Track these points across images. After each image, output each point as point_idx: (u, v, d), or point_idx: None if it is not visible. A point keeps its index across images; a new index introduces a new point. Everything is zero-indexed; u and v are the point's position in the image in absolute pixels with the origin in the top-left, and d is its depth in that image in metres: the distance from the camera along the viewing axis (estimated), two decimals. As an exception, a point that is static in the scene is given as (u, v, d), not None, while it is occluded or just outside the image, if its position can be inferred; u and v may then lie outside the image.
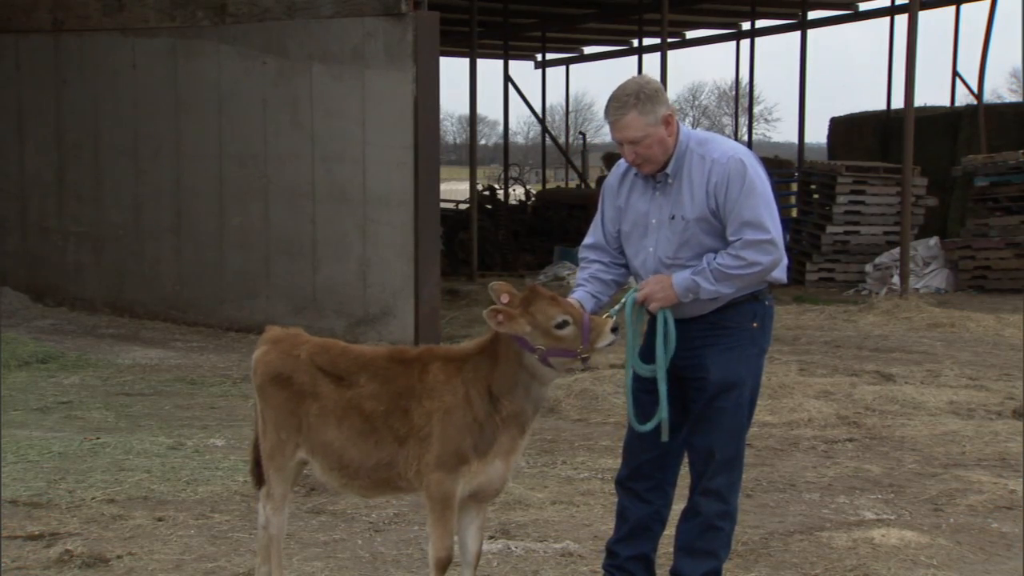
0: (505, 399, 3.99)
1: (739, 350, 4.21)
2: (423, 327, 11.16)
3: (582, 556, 5.09)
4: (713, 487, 4.28)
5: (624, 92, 4.12)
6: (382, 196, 11.35)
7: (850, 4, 25.44)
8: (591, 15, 25.50)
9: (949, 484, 6.21)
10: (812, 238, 17.73)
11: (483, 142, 62.57)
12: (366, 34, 11.25)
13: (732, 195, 4.06)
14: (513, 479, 6.18)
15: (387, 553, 5.11)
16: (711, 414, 4.23)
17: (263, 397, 4.25)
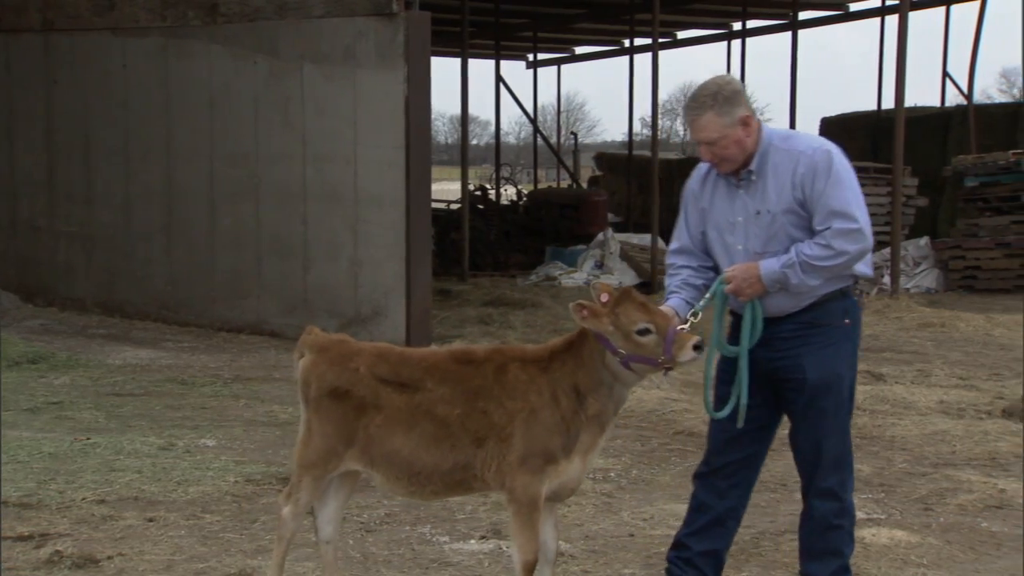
0: (591, 397, 4.03)
1: (834, 347, 4.21)
2: (414, 327, 11.15)
3: (573, 556, 5.09)
4: (826, 487, 4.27)
5: (703, 92, 4.17)
6: (373, 196, 11.34)
7: (840, 4, 25.48)
8: (582, 15, 25.52)
9: (939, 483, 6.23)
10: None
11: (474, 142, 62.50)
12: (357, 34, 11.24)
13: (819, 185, 4.07)
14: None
15: (378, 553, 5.11)
16: (813, 415, 4.23)
17: (316, 409, 4.17)
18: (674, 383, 8.65)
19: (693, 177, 4.43)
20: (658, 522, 5.56)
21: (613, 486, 6.29)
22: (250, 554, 5.07)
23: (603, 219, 21.68)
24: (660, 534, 5.36)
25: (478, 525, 5.50)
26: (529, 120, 31.10)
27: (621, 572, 4.86)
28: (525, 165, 45.00)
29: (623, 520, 5.60)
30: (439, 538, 5.29)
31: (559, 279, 17.47)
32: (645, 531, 5.43)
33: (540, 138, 31.12)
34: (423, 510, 5.72)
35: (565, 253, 18.79)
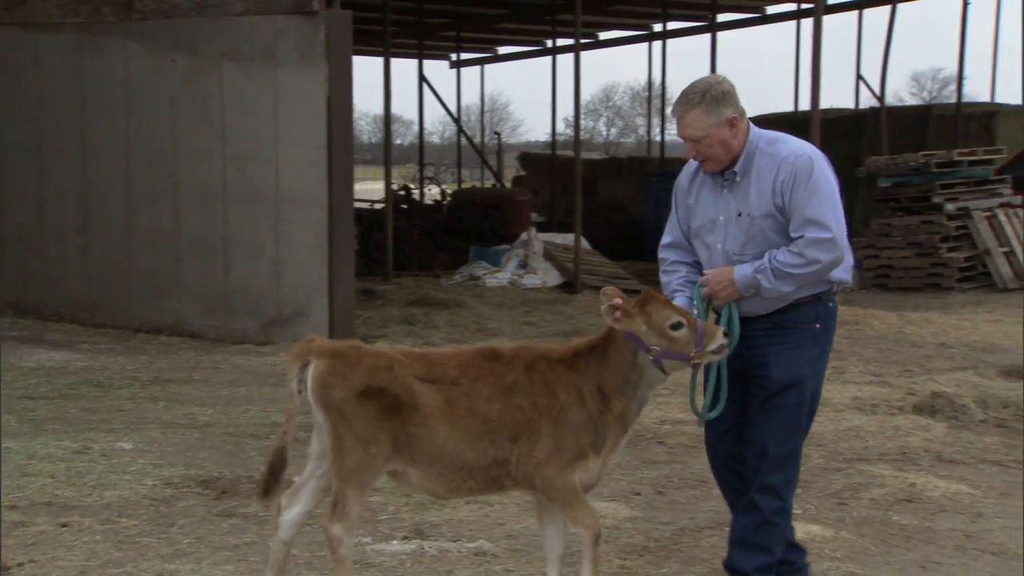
0: (616, 397, 4.11)
1: (801, 350, 4.28)
2: (337, 327, 11.10)
3: (496, 555, 5.09)
4: (770, 483, 4.34)
5: (693, 89, 4.23)
6: (295, 195, 11.26)
7: (758, 7, 25.88)
8: (505, 15, 25.56)
9: (853, 478, 6.36)
10: (723, 237, 18.00)
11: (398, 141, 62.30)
12: (278, 32, 11.14)
13: (798, 193, 4.13)
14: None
15: (299, 556, 5.06)
16: (769, 410, 4.31)
17: (341, 414, 4.05)
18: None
19: (683, 173, 4.50)
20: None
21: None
22: (167, 558, 5.00)
23: (527, 219, 21.75)
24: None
25: (400, 526, 5.49)
26: (453, 120, 31.06)
27: (543, 571, 4.87)
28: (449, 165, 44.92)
29: (545, 518, 5.60)
30: (361, 539, 5.26)
31: (483, 279, 17.48)
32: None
33: (464, 138, 31.12)
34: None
35: (489, 253, 18.81)
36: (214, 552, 5.09)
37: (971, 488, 6.09)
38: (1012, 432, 7.41)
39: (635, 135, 69.83)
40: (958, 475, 6.36)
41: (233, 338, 11.40)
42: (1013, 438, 7.24)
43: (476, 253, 19.03)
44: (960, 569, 4.87)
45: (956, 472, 6.43)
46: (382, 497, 5.90)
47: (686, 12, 25.97)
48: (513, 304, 15.01)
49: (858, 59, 25.09)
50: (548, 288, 16.98)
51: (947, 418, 7.68)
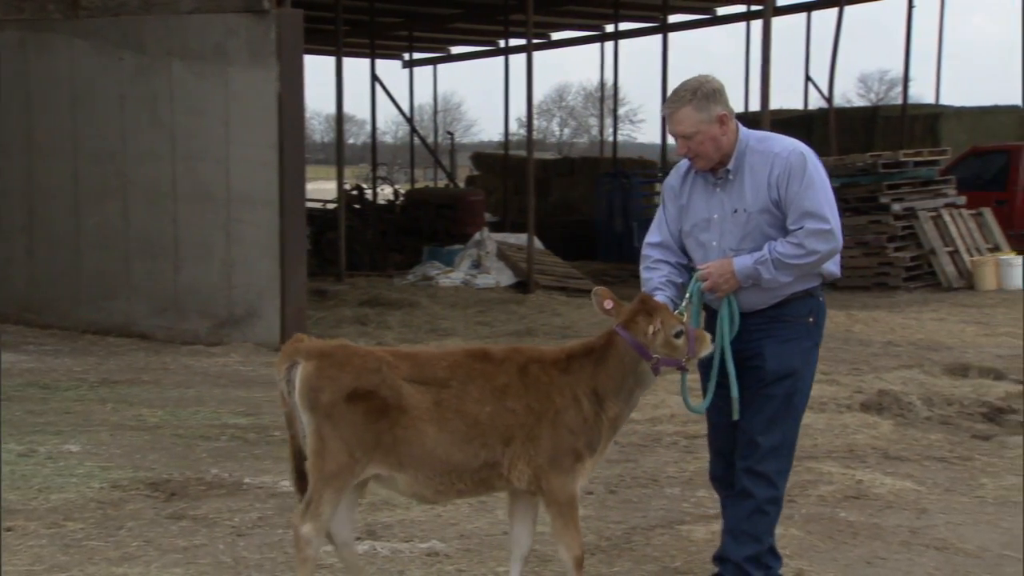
0: (611, 401, 4.13)
1: (795, 342, 4.35)
2: (289, 328, 11.00)
3: (448, 555, 5.09)
4: (763, 471, 4.38)
5: (684, 88, 4.28)
6: (246, 195, 11.18)
7: (708, 9, 26.08)
8: (457, 15, 25.56)
9: (801, 476, 6.42)
10: (675, 237, 18.11)
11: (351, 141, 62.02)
12: (228, 31, 11.05)
13: (793, 187, 4.20)
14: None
15: (250, 558, 5.03)
16: (760, 400, 4.36)
17: (329, 416, 3.99)
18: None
19: (673, 174, 4.53)
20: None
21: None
22: (115, 562, 4.94)
23: (480, 219, 21.76)
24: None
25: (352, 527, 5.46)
26: (406, 119, 31.00)
27: (496, 570, 4.89)
28: (402, 165, 44.84)
29: (498, 519, 5.61)
30: (312, 541, 5.24)
31: (436, 279, 17.45)
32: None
33: (417, 138, 31.06)
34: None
35: (442, 253, 18.80)
36: (163, 555, 5.04)
37: (916, 485, 6.17)
38: (956, 429, 7.53)
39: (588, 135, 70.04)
40: (904, 472, 6.44)
41: (183, 339, 11.30)
42: (957, 435, 7.35)
43: (429, 253, 19.01)
44: (905, 564, 4.93)
45: (902, 469, 6.52)
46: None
47: (637, 13, 26.13)
48: (467, 304, 15.00)
49: (807, 60, 25.41)
50: (501, 288, 16.99)
51: (893, 416, 7.79)
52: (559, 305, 14.90)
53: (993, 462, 6.65)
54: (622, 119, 54.03)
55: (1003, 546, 5.15)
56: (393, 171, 39.86)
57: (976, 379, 9.04)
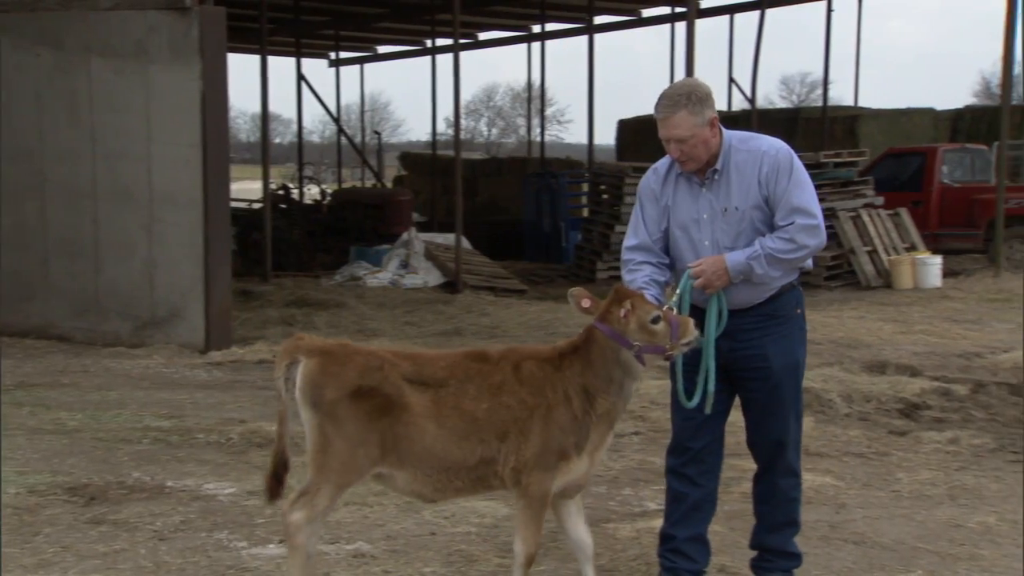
0: (600, 396, 4.17)
1: (791, 337, 4.48)
2: (214, 329, 10.92)
3: (375, 556, 5.08)
4: (788, 465, 4.58)
5: (677, 92, 4.35)
6: (169, 195, 11.03)
7: (633, 10, 26.30)
8: (384, 15, 25.45)
9: (725, 472, 6.43)
10: (602, 237, 18.24)
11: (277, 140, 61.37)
12: (149, 28, 10.89)
13: (782, 183, 4.32)
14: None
15: (172, 562, 4.96)
16: (777, 399, 4.46)
17: (331, 413, 3.98)
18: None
19: (650, 177, 4.57)
20: (460, 520, 5.60)
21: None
22: (31, 569, 4.85)
23: (408, 219, 21.72)
24: (462, 531, 5.42)
25: (277, 529, 5.40)
26: (332, 119, 30.80)
27: (422, 571, 4.89)
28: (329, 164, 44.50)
29: (425, 519, 5.62)
30: (236, 544, 5.19)
31: (364, 279, 17.37)
32: (447, 529, 5.47)
33: (344, 137, 30.87)
34: (220, 516, 5.60)
35: (370, 253, 18.71)
36: (81, 561, 4.96)
37: (836, 480, 6.29)
38: (874, 425, 7.70)
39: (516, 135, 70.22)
40: (824, 468, 6.56)
41: (104, 340, 11.12)
42: (875, 431, 7.51)
43: (357, 253, 18.91)
44: (824, 559, 5.03)
45: (822, 465, 6.64)
46: (258, 501, 5.82)
47: (564, 14, 26.26)
48: (394, 304, 14.96)
49: (730, 62, 25.76)
50: (429, 288, 16.97)
51: (814, 412, 7.92)
52: (487, 305, 14.91)
53: (909, 457, 6.80)
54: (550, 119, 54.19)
55: (917, 539, 5.27)
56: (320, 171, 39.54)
57: (893, 376, 9.23)
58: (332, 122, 32.38)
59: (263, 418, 7.82)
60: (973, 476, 6.34)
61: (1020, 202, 17.29)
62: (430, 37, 27.70)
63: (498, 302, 15.26)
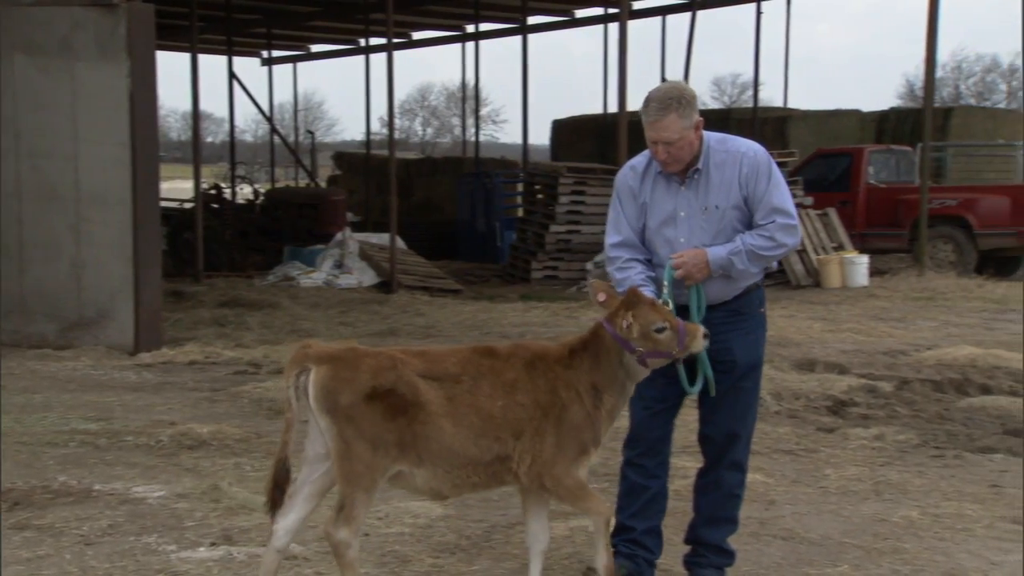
0: (607, 394, 4.26)
1: (756, 334, 4.61)
2: (143, 330, 10.78)
3: (307, 558, 5.04)
4: (737, 459, 4.67)
5: (667, 95, 4.42)
6: (97, 194, 10.87)
7: (567, 11, 26.41)
8: (316, 13, 25.27)
9: (661, 470, 6.57)
10: (537, 237, 18.31)
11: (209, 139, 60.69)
12: (74, 24, 10.70)
13: (762, 184, 4.45)
14: (238, 483, 6.12)
15: (99, 567, 4.88)
16: (736, 393, 4.56)
17: (350, 418, 3.98)
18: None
19: (627, 174, 4.65)
20: (394, 520, 5.59)
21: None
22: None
23: (342, 219, 21.60)
24: (395, 532, 5.41)
25: (208, 532, 5.36)
26: (265, 118, 30.51)
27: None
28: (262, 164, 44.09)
29: (357, 520, 5.59)
30: (166, 547, 5.12)
31: (297, 279, 17.26)
32: (380, 530, 5.45)
33: (277, 136, 30.61)
34: (149, 520, 5.52)
35: (304, 253, 18.59)
36: (4, 567, 4.85)
37: (765, 477, 6.38)
38: (803, 422, 7.81)
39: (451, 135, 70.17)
40: (754, 465, 6.59)
41: (30, 342, 10.91)
42: (803, 428, 7.63)
43: (290, 253, 18.78)
44: (754, 555, 5.10)
45: (752, 462, 6.62)
46: (189, 503, 5.77)
47: (498, 14, 26.29)
48: (329, 304, 14.88)
49: (663, 63, 26.01)
50: (364, 288, 16.91)
51: (745, 410, 8.02)
52: (422, 305, 14.90)
53: (836, 453, 6.92)
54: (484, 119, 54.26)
55: (843, 534, 5.36)
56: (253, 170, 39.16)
57: (822, 374, 9.39)
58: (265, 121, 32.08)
59: (194, 420, 7.74)
60: (897, 471, 6.47)
61: (943, 202, 17.66)
62: (364, 36, 27.56)
63: (433, 302, 15.26)
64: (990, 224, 17.40)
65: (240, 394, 8.77)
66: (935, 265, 17.20)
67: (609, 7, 24.58)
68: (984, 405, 8.14)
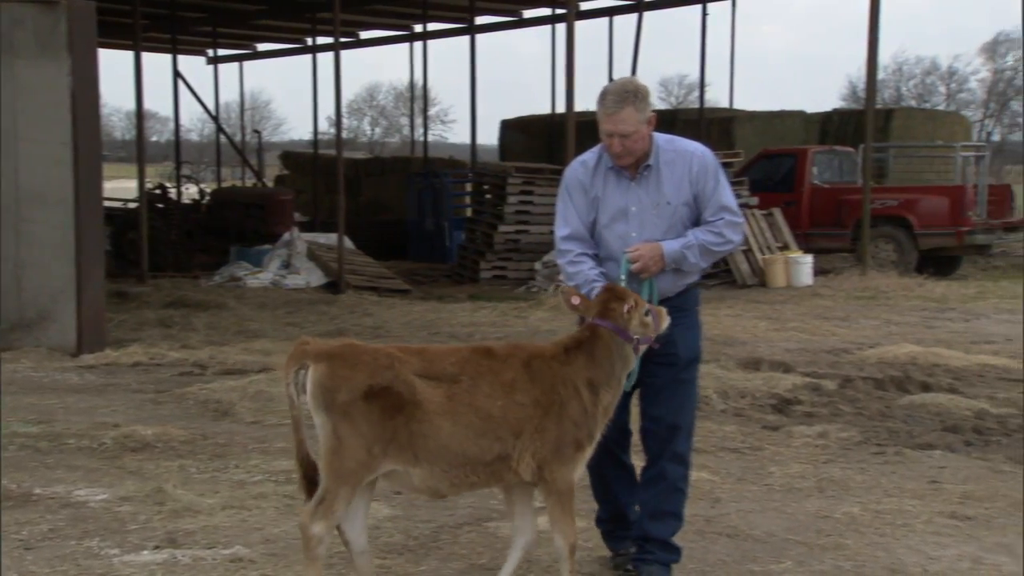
0: (603, 389, 4.33)
1: (695, 329, 4.78)
2: (86, 331, 10.65)
3: (252, 560, 5.00)
4: (680, 452, 4.75)
5: (624, 89, 4.53)
6: (38, 194, 10.70)
7: (514, 11, 26.45)
8: (263, 12, 25.08)
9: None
10: (485, 237, 18.31)
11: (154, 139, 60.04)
12: (13, 21, 10.53)
13: (710, 183, 4.63)
14: (183, 485, 6.07)
15: (39, 572, 4.81)
16: (676, 385, 4.69)
17: (345, 415, 4.00)
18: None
19: (577, 170, 4.74)
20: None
21: (296, 487, 6.21)
22: None
23: (289, 218, 21.46)
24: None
25: (151, 535, 5.31)
26: (211, 117, 30.23)
27: (302, 575, 4.84)
28: (209, 163, 43.67)
29: (304, 522, 5.56)
30: (108, 551, 5.06)
31: (244, 280, 17.12)
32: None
33: (223, 136, 30.34)
34: (91, 523, 5.46)
35: (250, 253, 18.45)
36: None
37: (711, 475, 6.43)
38: (748, 420, 7.89)
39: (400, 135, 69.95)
40: (700, 463, 6.68)
41: (-31, 345, 10.71)
42: (749, 426, 7.70)
43: (237, 253, 18.63)
44: (700, 552, 5.14)
45: (698, 460, 6.73)
46: (132, 506, 5.71)
47: (445, 13, 26.27)
48: (276, 305, 14.79)
49: (610, 64, 26.14)
50: (312, 288, 16.82)
51: (692, 409, 8.08)
52: (370, 305, 14.86)
53: (781, 451, 7.00)
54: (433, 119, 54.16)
55: (787, 531, 5.43)
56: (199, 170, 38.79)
57: (767, 372, 9.48)
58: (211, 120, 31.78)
59: (138, 421, 7.65)
60: (840, 468, 6.56)
61: (884, 203, 17.93)
62: (311, 35, 27.41)
63: (382, 302, 15.21)
64: (930, 224, 17.69)
65: (186, 395, 8.68)
66: (877, 265, 17.45)
67: (556, 7, 24.66)
68: (924, 402, 8.27)
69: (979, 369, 9.68)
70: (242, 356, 10.52)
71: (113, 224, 18.84)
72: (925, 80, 70.28)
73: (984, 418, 7.77)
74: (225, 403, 8.28)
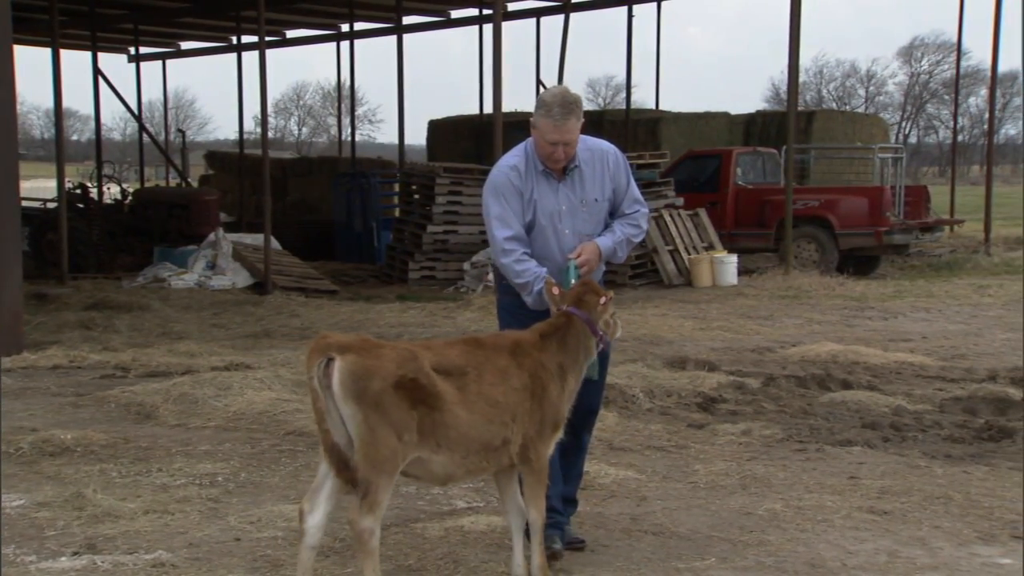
0: (570, 374, 4.62)
1: None
2: (2, 333, 10.44)
3: (175, 565, 4.94)
4: (592, 425, 5.28)
5: (568, 100, 4.78)
6: (-49, 194, 10.43)
7: (442, 11, 26.41)
8: (186, 9, 24.73)
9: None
10: (414, 237, 18.27)
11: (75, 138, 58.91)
12: (-76, 16, 10.27)
13: (625, 178, 5.02)
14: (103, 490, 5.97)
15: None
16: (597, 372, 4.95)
17: (377, 405, 4.08)
18: (285, 384, 8.63)
19: (509, 174, 4.93)
20: (266, 524, 5.52)
21: (220, 490, 6.18)
22: None
23: (215, 219, 21.18)
24: (268, 536, 5.35)
25: (70, 541, 5.21)
26: (133, 116, 29.75)
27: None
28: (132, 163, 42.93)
29: (230, 524, 5.52)
30: (24, 557, 4.96)
31: (168, 280, 16.88)
32: (252, 534, 5.39)
33: (146, 135, 29.86)
34: (7, 529, 5.34)
35: (175, 254, 18.20)
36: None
37: (638, 473, 6.49)
38: (674, 419, 7.97)
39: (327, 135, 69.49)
40: (626, 462, 6.76)
41: None
42: (674, 425, 7.78)
43: (161, 254, 18.37)
44: (625, 550, 5.19)
45: (625, 459, 6.83)
46: (50, 512, 5.61)
47: (372, 13, 26.16)
48: (201, 306, 14.60)
49: (537, 64, 26.22)
50: (238, 289, 16.64)
51: (619, 408, 8.16)
52: (297, 306, 14.73)
53: (705, 449, 7.09)
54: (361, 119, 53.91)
55: (711, 528, 5.49)
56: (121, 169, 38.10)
57: (693, 371, 9.59)
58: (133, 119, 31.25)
59: (56, 426, 7.51)
60: (763, 465, 6.66)
61: (806, 203, 18.23)
62: (236, 34, 27.10)
63: (309, 303, 15.10)
64: (850, 224, 18.03)
65: (107, 399, 8.53)
66: (800, 264, 17.74)
67: (484, 8, 24.68)
68: (844, 399, 8.43)
69: (896, 367, 9.89)
70: (166, 358, 10.37)
71: (31, 224, 18.44)
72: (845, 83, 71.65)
73: (901, 414, 7.95)
74: (148, 406, 8.16)
